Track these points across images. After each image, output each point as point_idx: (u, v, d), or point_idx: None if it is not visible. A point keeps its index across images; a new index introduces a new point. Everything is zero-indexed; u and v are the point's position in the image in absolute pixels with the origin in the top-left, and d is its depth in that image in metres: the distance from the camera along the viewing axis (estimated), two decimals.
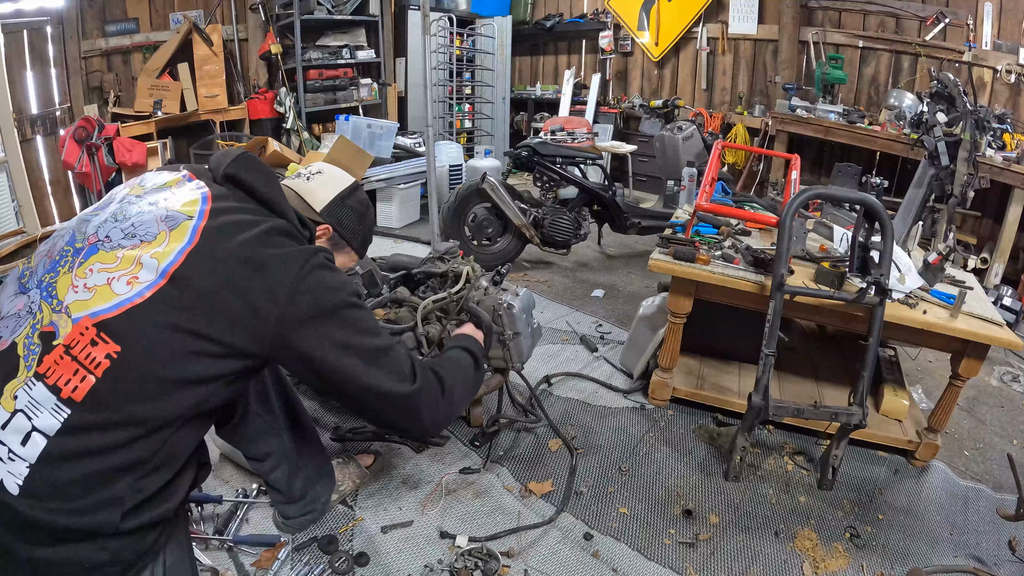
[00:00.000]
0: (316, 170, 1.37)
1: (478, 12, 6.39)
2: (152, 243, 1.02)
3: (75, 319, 0.96)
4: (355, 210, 1.37)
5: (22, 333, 0.97)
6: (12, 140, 4.00)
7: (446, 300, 2.02)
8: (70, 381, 0.93)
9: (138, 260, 1.00)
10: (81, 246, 1.04)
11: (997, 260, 3.83)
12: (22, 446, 0.91)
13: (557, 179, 3.69)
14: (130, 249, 1.01)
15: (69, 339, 0.95)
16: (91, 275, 0.99)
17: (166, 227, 1.04)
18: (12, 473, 0.90)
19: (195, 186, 1.12)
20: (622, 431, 2.30)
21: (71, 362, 0.94)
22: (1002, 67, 4.13)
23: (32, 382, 0.93)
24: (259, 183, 1.15)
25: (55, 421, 0.92)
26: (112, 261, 1.00)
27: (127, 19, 4.79)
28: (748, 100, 5.55)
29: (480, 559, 1.65)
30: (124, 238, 1.03)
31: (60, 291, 0.99)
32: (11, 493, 0.90)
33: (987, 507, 2.04)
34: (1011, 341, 1.93)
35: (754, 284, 2.08)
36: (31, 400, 0.93)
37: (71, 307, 0.97)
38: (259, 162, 1.19)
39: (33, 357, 0.95)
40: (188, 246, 1.01)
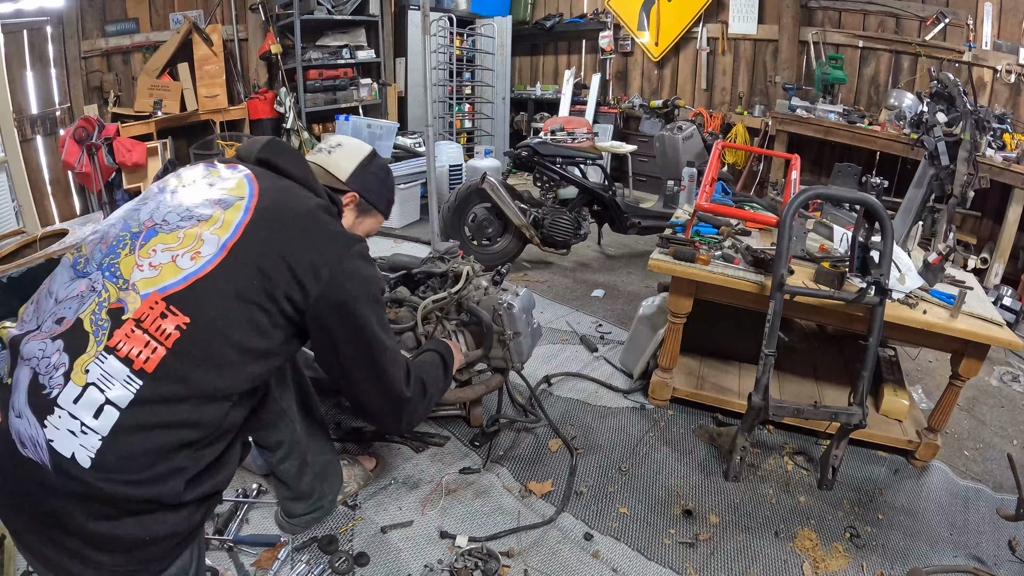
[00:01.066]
0: (336, 143, 1.44)
1: (478, 12, 6.39)
2: (209, 221, 1.08)
3: (143, 295, 1.00)
4: (377, 175, 1.45)
5: (88, 310, 1.00)
6: (12, 140, 4.00)
7: (446, 300, 2.02)
8: (141, 352, 0.96)
9: (199, 236, 1.06)
10: (138, 230, 1.08)
11: (997, 260, 3.83)
12: (95, 419, 0.93)
13: (557, 179, 3.69)
14: (190, 228, 1.07)
15: (139, 313, 0.98)
16: (155, 255, 1.04)
17: (221, 207, 1.10)
18: (84, 446, 0.92)
19: (238, 171, 1.20)
20: (622, 431, 2.30)
21: (142, 335, 0.97)
22: (1002, 67, 4.13)
23: (103, 355, 0.96)
24: (291, 165, 1.25)
25: (128, 392, 0.95)
26: (174, 241, 1.05)
27: (127, 19, 4.79)
28: (748, 100, 5.55)
29: (480, 559, 1.65)
30: (182, 220, 1.09)
31: (125, 271, 1.03)
32: (83, 467, 0.92)
33: (987, 507, 2.04)
34: (1011, 341, 1.93)
35: (754, 284, 2.09)
36: (104, 373, 0.95)
37: (138, 284, 1.01)
38: (287, 146, 1.28)
39: (103, 332, 0.97)
40: (244, 220, 1.09)
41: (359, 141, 1.47)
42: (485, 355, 2.03)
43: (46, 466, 0.93)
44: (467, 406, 2.23)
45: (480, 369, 2.12)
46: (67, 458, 0.92)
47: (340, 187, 1.38)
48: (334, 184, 1.38)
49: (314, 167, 1.36)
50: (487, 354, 2.03)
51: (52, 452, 0.92)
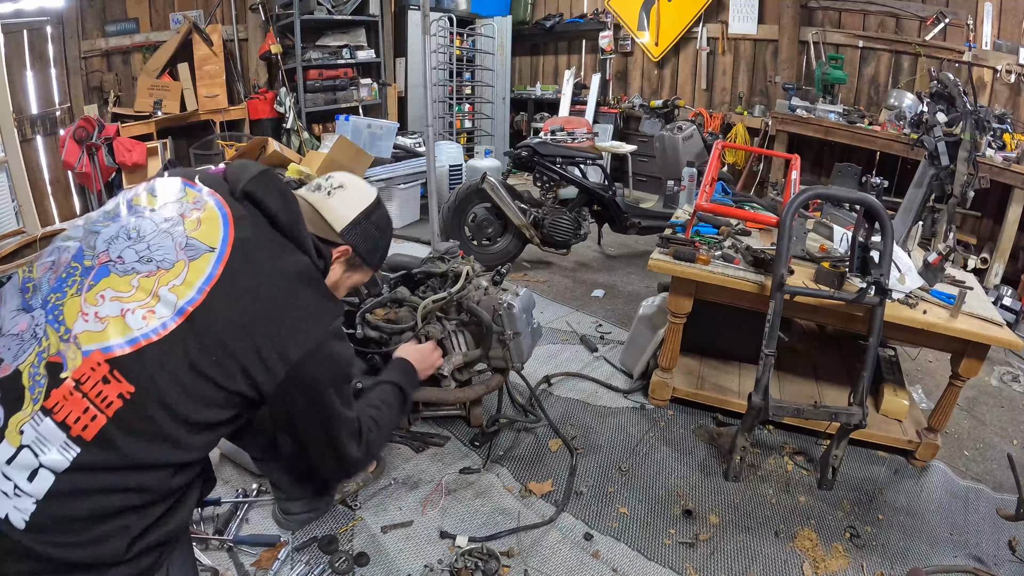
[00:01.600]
0: (338, 184, 1.28)
1: (478, 12, 6.39)
2: (170, 272, 0.98)
3: (85, 352, 0.92)
4: (376, 229, 1.31)
5: (27, 361, 0.93)
6: (12, 140, 4.00)
7: (446, 300, 2.02)
8: (80, 419, 0.90)
9: (155, 292, 0.96)
10: (91, 264, 0.99)
11: (997, 260, 3.83)
12: (28, 482, 0.88)
13: (557, 179, 3.69)
14: (146, 276, 0.97)
15: (79, 374, 0.91)
16: (103, 303, 0.95)
17: (186, 256, 1.00)
18: (18, 508, 0.88)
19: (215, 205, 1.07)
20: (622, 431, 2.30)
21: (81, 399, 0.90)
22: (1002, 67, 4.13)
23: (39, 416, 0.90)
24: (278, 207, 1.11)
25: (63, 459, 0.89)
26: (127, 289, 0.96)
27: (127, 19, 4.79)
28: (748, 100, 5.55)
29: (480, 559, 1.65)
30: (139, 262, 0.99)
31: (68, 317, 0.95)
32: (17, 528, 0.88)
33: (987, 507, 2.04)
34: (1011, 341, 1.93)
35: (754, 284, 2.08)
36: (38, 436, 0.89)
37: (80, 338, 0.93)
38: (279, 182, 1.14)
39: (40, 389, 0.91)
40: (209, 283, 0.98)
41: (364, 185, 1.32)
42: (485, 355, 2.03)
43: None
44: (467, 406, 2.23)
45: (480, 369, 2.12)
46: (1, 519, 0.88)
47: (333, 238, 1.24)
48: (327, 234, 1.23)
49: (307, 208, 1.23)
50: (487, 354, 2.03)
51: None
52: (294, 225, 1.12)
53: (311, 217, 1.22)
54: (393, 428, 1.45)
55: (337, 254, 1.25)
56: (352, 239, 1.26)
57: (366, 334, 2.02)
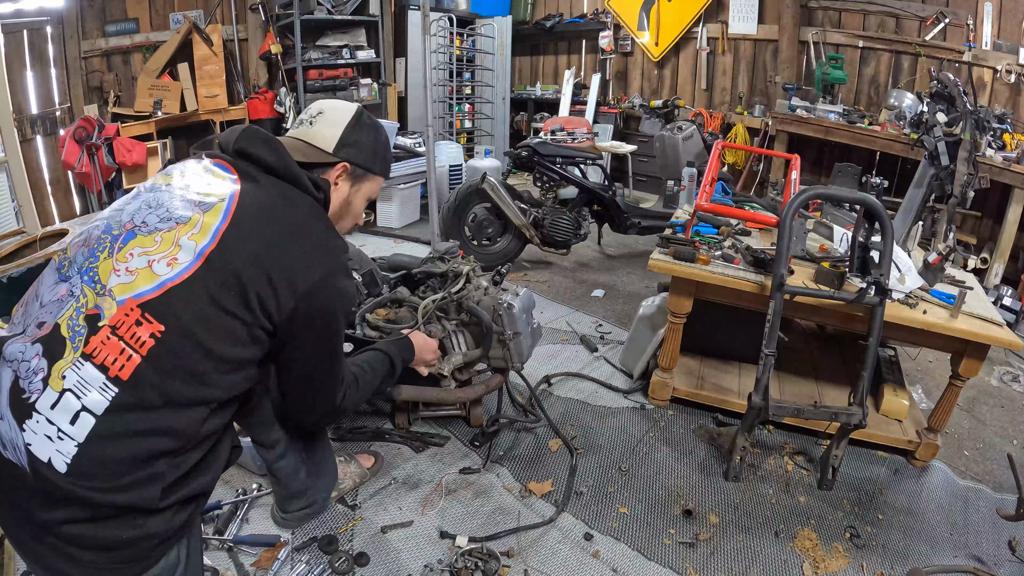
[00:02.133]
0: (316, 111, 1.35)
1: (478, 12, 6.39)
2: (187, 225, 1.06)
3: (119, 301, 0.99)
4: (365, 137, 1.37)
5: (65, 315, 1.00)
6: (12, 140, 4.00)
7: (446, 300, 2.02)
8: (116, 360, 0.96)
9: (176, 242, 1.04)
10: (119, 232, 1.07)
11: (997, 260, 3.83)
12: (71, 425, 0.93)
13: (557, 179, 3.69)
14: (167, 231, 1.05)
15: (114, 320, 0.98)
16: (132, 259, 1.03)
17: (199, 210, 1.08)
18: (60, 452, 0.93)
19: (221, 169, 1.17)
20: (622, 431, 2.30)
21: (117, 342, 0.97)
22: (1002, 67, 4.13)
23: (80, 362, 0.96)
24: (266, 155, 1.18)
25: (103, 399, 0.95)
26: (151, 244, 1.04)
27: (127, 19, 4.79)
28: (748, 100, 5.55)
29: (480, 559, 1.65)
30: (160, 222, 1.07)
31: (102, 275, 1.02)
32: (59, 472, 0.92)
33: (987, 507, 2.04)
34: (1011, 341, 1.93)
35: (754, 284, 2.09)
36: (80, 379, 0.95)
37: (115, 290, 1.00)
38: (263, 132, 1.21)
39: (80, 338, 0.97)
40: (222, 225, 1.06)
41: (342, 103, 1.38)
42: (485, 355, 2.03)
43: (25, 469, 0.94)
44: (467, 406, 2.23)
45: (480, 369, 2.12)
46: (44, 463, 0.93)
47: (327, 160, 1.31)
48: (320, 158, 1.30)
49: (295, 143, 1.30)
50: (487, 354, 2.03)
51: (30, 456, 0.93)
52: (286, 167, 1.19)
53: (302, 149, 1.29)
54: (370, 392, 1.50)
55: (337, 172, 1.32)
56: (345, 154, 1.32)
57: (366, 334, 2.02)
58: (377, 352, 1.59)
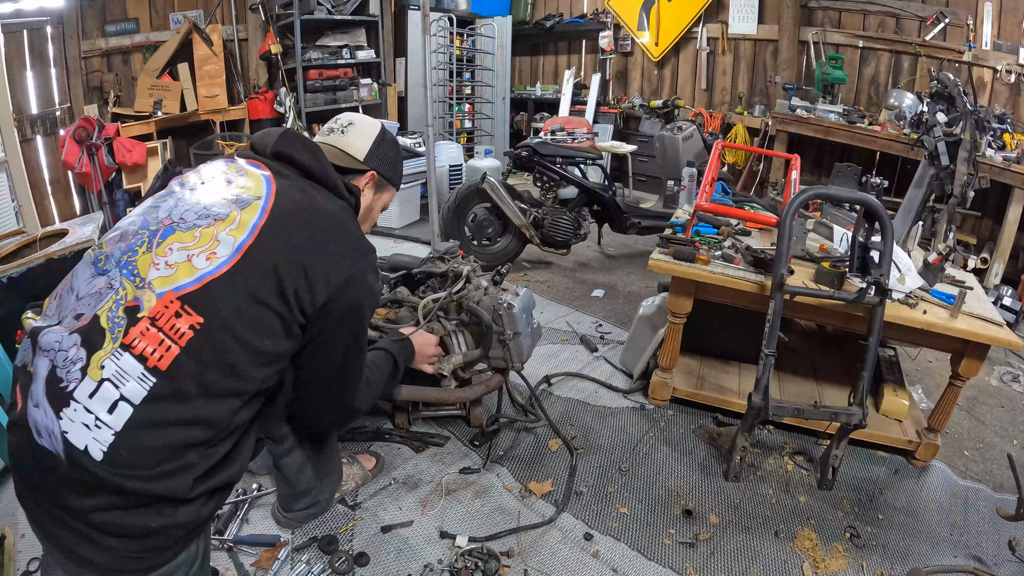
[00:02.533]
0: (347, 121, 1.45)
1: (478, 12, 6.39)
2: (225, 221, 1.09)
3: (159, 293, 1.01)
4: (390, 150, 1.49)
5: (104, 307, 1.02)
6: (12, 140, 4.00)
7: (446, 300, 2.02)
8: (155, 351, 0.98)
9: (215, 237, 1.07)
10: (156, 228, 1.10)
11: (997, 260, 3.83)
12: (108, 414, 0.95)
13: (557, 179, 3.69)
14: (206, 227, 1.09)
15: (154, 312, 1.00)
16: (171, 253, 1.06)
17: (237, 207, 1.12)
18: (97, 440, 0.94)
19: (256, 168, 1.21)
20: (622, 431, 2.30)
21: (156, 333, 0.99)
22: (1002, 67, 4.13)
23: (119, 352, 0.98)
24: (307, 159, 1.24)
25: (141, 389, 0.97)
26: (190, 240, 1.07)
27: (127, 19, 4.79)
28: (748, 100, 5.55)
29: (480, 559, 1.65)
30: (198, 218, 1.10)
31: (142, 269, 1.04)
32: (95, 459, 0.94)
33: (987, 507, 2.04)
34: (1011, 341, 1.93)
35: (754, 284, 2.09)
36: (119, 369, 0.97)
37: (154, 283, 1.03)
38: (303, 138, 1.28)
39: (119, 329, 0.99)
40: (260, 221, 1.10)
41: (367, 118, 1.49)
42: (485, 355, 2.03)
43: (59, 456, 0.95)
44: (467, 406, 2.23)
45: (480, 369, 2.12)
46: (80, 450, 0.94)
47: (358, 167, 1.41)
48: (352, 165, 1.40)
49: (330, 149, 1.39)
50: (487, 354, 2.03)
51: (66, 443, 0.95)
52: (324, 171, 1.26)
53: (336, 155, 1.38)
54: (379, 393, 1.54)
55: (365, 180, 1.42)
56: (374, 163, 1.43)
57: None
58: (380, 351, 1.62)
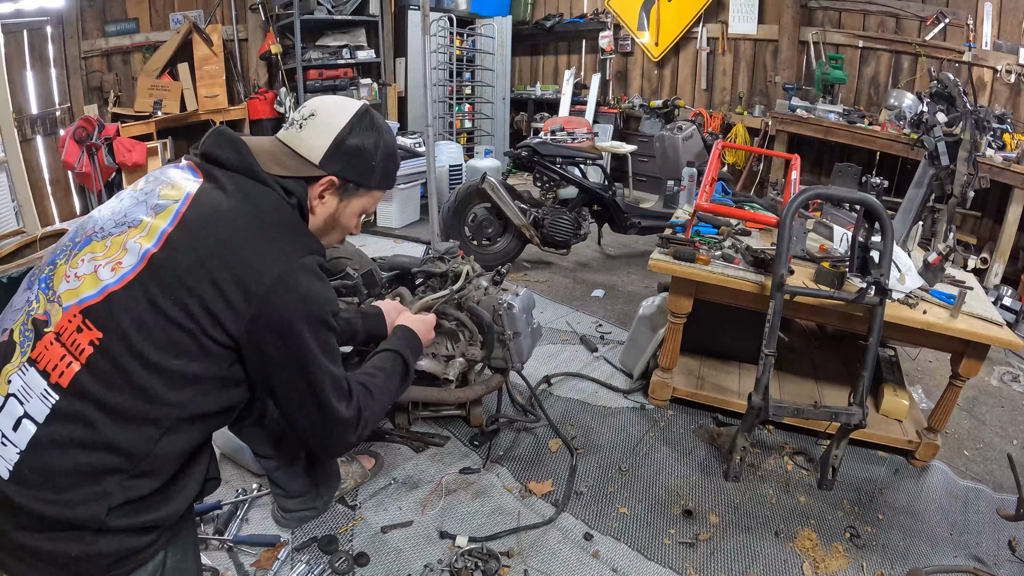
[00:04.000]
0: (309, 112, 1.17)
1: (478, 12, 6.39)
2: (137, 228, 1.02)
3: (65, 307, 0.97)
4: (362, 147, 1.17)
5: (19, 320, 1.01)
6: (12, 140, 4.00)
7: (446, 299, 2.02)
8: (57, 366, 0.93)
9: (123, 245, 1.00)
10: (80, 239, 1.05)
11: (997, 260, 3.83)
12: (13, 431, 0.92)
13: (557, 179, 3.69)
14: (117, 236, 1.02)
15: (59, 327, 0.96)
16: (82, 264, 1.00)
17: (152, 213, 1.03)
18: (3, 458, 0.91)
19: (190, 172, 1.10)
20: (622, 431, 2.30)
21: (60, 348, 0.94)
22: (1002, 67, 4.13)
23: (25, 367, 0.95)
24: (229, 157, 1.09)
25: (44, 407, 0.92)
26: (101, 249, 1.01)
27: (127, 19, 4.79)
28: (748, 100, 5.55)
29: (480, 559, 1.65)
30: (116, 226, 1.03)
31: (56, 281, 1.01)
32: (2, 477, 0.91)
33: (987, 507, 2.04)
34: (1011, 341, 1.93)
35: (754, 284, 2.08)
36: (24, 384, 0.94)
37: (63, 296, 0.98)
38: (229, 135, 1.12)
39: (28, 343, 0.97)
40: (169, 227, 1.00)
41: (343, 102, 1.19)
42: (485, 355, 2.03)
43: None
44: (467, 406, 2.23)
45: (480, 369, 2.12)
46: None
47: (311, 172, 1.14)
48: (303, 171, 1.13)
49: (278, 150, 1.15)
50: (487, 354, 2.03)
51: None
52: (248, 167, 1.09)
53: (282, 160, 1.13)
54: (392, 397, 1.32)
55: (321, 187, 1.15)
56: (334, 167, 1.15)
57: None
58: (388, 352, 1.39)
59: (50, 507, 0.91)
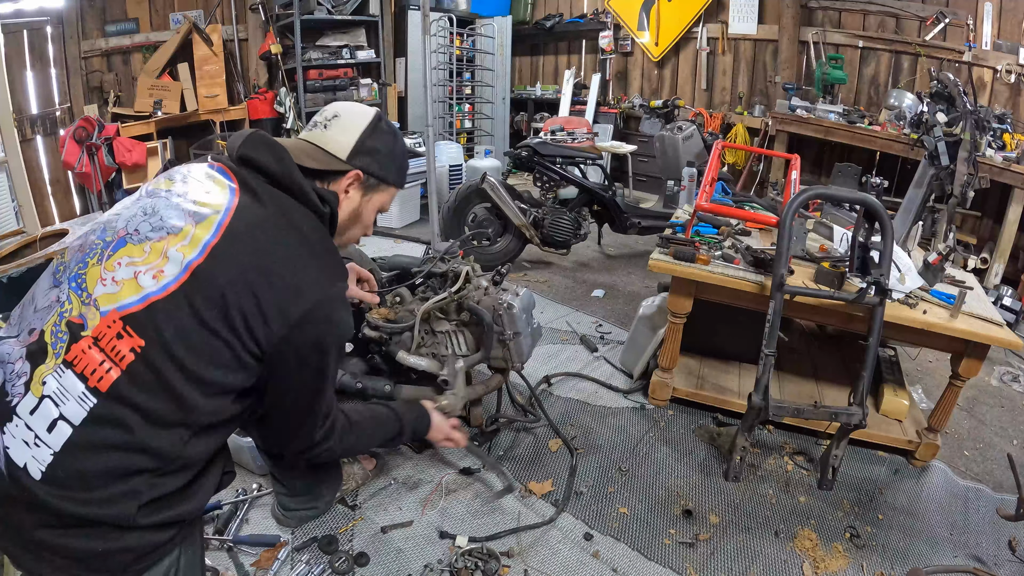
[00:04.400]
0: (332, 114, 1.26)
1: (478, 12, 6.39)
2: (178, 236, 1.02)
3: (103, 312, 0.96)
4: (382, 145, 1.27)
5: (50, 321, 0.99)
6: (12, 140, 4.00)
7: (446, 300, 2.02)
8: (96, 371, 0.94)
9: (165, 253, 1.00)
10: (111, 239, 1.04)
11: (997, 260, 3.83)
12: (48, 433, 0.92)
13: (557, 179, 3.69)
14: (156, 241, 1.02)
15: (97, 331, 0.96)
16: (119, 268, 1.00)
17: (192, 221, 1.03)
18: (36, 459, 0.91)
19: (223, 177, 1.11)
20: (622, 431, 2.30)
21: (99, 353, 0.94)
22: (1002, 67, 4.13)
23: (61, 369, 0.94)
24: (271, 163, 1.12)
25: (81, 410, 0.92)
26: (140, 255, 1.01)
27: (127, 19, 4.79)
28: (748, 100, 5.55)
29: (480, 559, 1.65)
30: (152, 231, 1.03)
31: (90, 284, 1.00)
32: (34, 478, 0.91)
33: (987, 507, 2.04)
34: (1011, 341, 1.93)
35: (754, 284, 2.08)
36: (60, 387, 0.93)
37: (99, 300, 0.98)
38: (267, 139, 1.15)
39: (61, 345, 0.96)
40: (212, 240, 1.01)
41: (360, 107, 1.29)
42: (487, 355, 2.03)
43: (1, 471, 0.93)
44: (467, 406, 2.23)
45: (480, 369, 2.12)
46: (20, 468, 0.91)
47: (339, 167, 1.22)
48: (332, 165, 1.21)
49: (308, 147, 1.22)
50: (487, 354, 2.02)
51: (7, 459, 0.92)
52: (290, 178, 1.12)
53: (312, 154, 1.21)
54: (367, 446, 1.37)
55: (348, 180, 1.24)
56: (360, 162, 1.24)
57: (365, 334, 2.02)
58: (388, 410, 1.46)
59: (82, 507, 0.92)
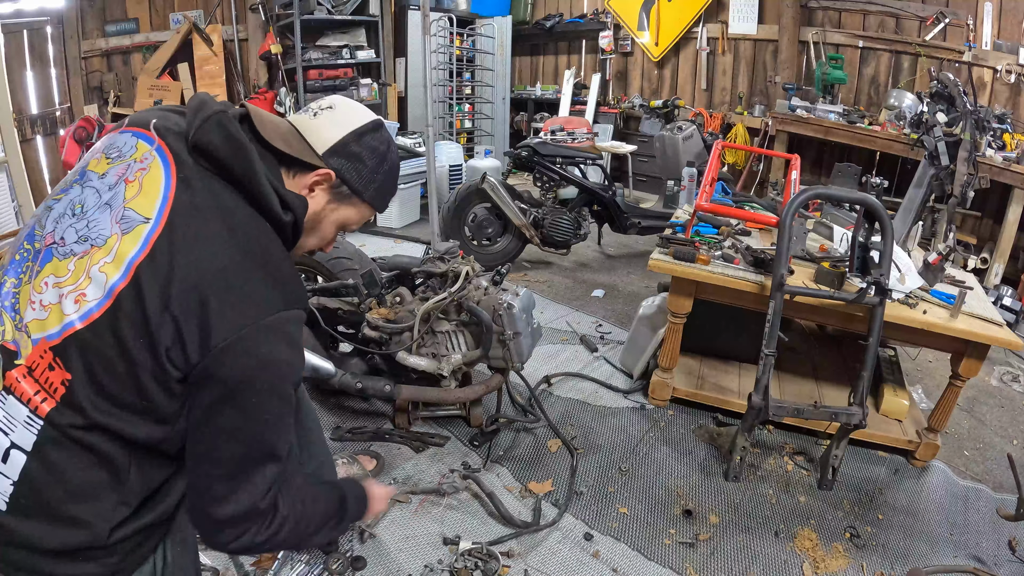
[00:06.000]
0: (328, 104, 1.09)
1: (478, 12, 6.39)
2: (102, 249, 0.91)
3: (34, 340, 0.90)
4: (368, 154, 1.08)
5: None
6: (12, 140, 3.99)
7: (446, 300, 2.02)
8: (32, 400, 0.88)
9: (87, 273, 0.90)
10: (39, 247, 0.95)
11: (997, 260, 3.83)
12: (3, 463, 0.87)
13: (557, 179, 3.69)
14: (80, 257, 0.91)
15: (30, 361, 0.90)
16: (46, 290, 0.91)
17: (119, 229, 0.91)
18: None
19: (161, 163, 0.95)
20: (622, 431, 2.30)
21: (32, 383, 0.89)
22: (1002, 67, 4.13)
23: (3, 396, 0.89)
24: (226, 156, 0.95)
25: (30, 435, 0.88)
26: (64, 273, 0.91)
27: (127, 19, 4.79)
28: (748, 100, 5.55)
29: (480, 559, 1.65)
30: (77, 242, 0.92)
31: (22, 305, 0.93)
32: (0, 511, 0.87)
33: (987, 507, 2.04)
34: (1011, 341, 1.93)
35: (754, 284, 2.08)
36: (6, 414, 0.88)
37: (30, 327, 0.91)
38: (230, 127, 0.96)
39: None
40: (137, 258, 0.89)
41: (362, 108, 1.12)
42: (485, 355, 2.03)
43: None
44: (467, 406, 2.23)
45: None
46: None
47: (311, 160, 1.04)
48: (304, 155, 1.03)
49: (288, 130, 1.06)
50: (487, 354, 2.03)
51: None
52: (248, 177, 0.95)
53: (288, 138, 1.04)
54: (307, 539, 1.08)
55: (316, 178, 1.05)
56: (335, 163, 1.05)
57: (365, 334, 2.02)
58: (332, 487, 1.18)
59: (51, 537, 0.88)
